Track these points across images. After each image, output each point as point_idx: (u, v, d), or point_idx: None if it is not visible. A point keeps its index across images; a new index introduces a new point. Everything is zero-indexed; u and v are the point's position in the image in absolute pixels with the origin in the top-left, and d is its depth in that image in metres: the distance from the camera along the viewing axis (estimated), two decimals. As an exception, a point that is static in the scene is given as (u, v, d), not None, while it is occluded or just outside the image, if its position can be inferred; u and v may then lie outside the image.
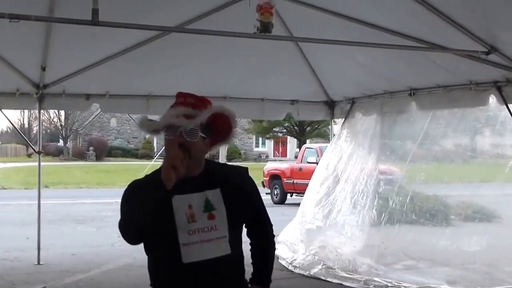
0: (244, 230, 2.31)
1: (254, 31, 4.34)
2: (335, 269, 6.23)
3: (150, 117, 2.31)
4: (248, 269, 2.31)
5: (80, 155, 39.15)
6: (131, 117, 43.32)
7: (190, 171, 2.11)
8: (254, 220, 2.31)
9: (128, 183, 2.31)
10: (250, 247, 2.34)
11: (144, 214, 2.05)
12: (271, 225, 2.38)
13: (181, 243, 2.10)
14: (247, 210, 2.24)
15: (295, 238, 7.25)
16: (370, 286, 5.73)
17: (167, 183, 2.00)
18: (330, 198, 7.09)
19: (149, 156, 37.53)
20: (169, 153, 2.06)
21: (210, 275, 2.12)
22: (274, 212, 2.74)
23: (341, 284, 5.98)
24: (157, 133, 2.21)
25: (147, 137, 43.96)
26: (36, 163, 7.49)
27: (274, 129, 34.94)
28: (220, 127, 2.19)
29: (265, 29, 4.34)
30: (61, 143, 44.04)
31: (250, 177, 2.34)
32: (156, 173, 2.12)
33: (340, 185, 7.11)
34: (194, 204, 2.12)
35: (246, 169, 2.36)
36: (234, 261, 2.18)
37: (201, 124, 2.11)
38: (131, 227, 2.11)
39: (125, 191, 2.23)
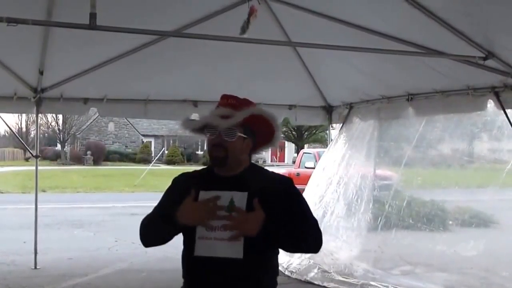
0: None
1: (241, 25, 4.38)
2: (331, 273, 6.22)
3: (193, 117, 2.43)
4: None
5: (77, 159, 39.12)
6: (129, 121, 43.41)
7: (229, 170, 2.22)
8: (298, 223, 2.19)
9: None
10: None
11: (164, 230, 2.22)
12: (321, 237, 2.25)
13: (197, 236, 2.16)
14: (277, 220, 2.13)
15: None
16: (367, 290, 5.72)
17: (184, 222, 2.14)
18: (323, 201, 7.08)
19: (146, 161, 37.52)
20: (203, 209, 2.13)
21: (217, 274, 2.13)
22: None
23: (338, 288, 5.97)
24: (200, 133, 2.31)
25: (144, 141, 44.00)
26: (34, 167, 7.48)
27: (271, 133, 34.93)
28: (260, 129, 2.24)
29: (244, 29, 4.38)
30: (58, 147, 44.03)
31: (293, 186, 2.30)
32: (203, 171, 2.33)
33: (333, 187, 7.09)
34: (218, 201, 2.15)
35: (290, 179, 2.33)
36: (246, 268, 2.13)
37: (241, 124, 2.19)
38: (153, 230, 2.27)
39: (171, 184, 2.38)
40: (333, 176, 7.18)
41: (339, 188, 6.97)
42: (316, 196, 7.24)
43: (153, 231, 2.26)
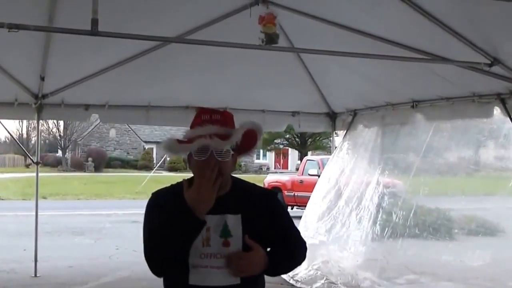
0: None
1: (259, 43, 4.29)
2: (337, 284, 6.14)
3: (175, 137, 2.15)
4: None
5: (78, 166, 39.05)
6: (130, 128, 43.37)
7: (219, 191, 2.04)
8: (282, 240, 2.18)
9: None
10: None
11: (174, 246, 1.98)
12: (306, 247, 2.26)
13: (190, 264, 2.03)
14: (268, 237, 2.12)
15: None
16: (373, 301, 5.64)
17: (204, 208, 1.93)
18: (332, 212, 7.00)
19: (148, 167, 37.45)
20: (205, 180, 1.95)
21: None
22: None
23: (343, 298, 5.89)
24: (180, 154, 2.15)
25: (146, 148, 43.96)
26: (34, 174, 7.43)
27: (275, 140, 34.96)
28: (247, 143, 2.11)
29: (270, 40, 4.29)
30: (59, 153, 43.99)
31: (278, 201, 2.25)
32: (180, 188, 2.03)
33: (343, 199, 7.03)
34: (212, 226, 2.03)
35: (275, 193, 2.28)
36: None
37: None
38: (160, 257, 2.02)
39: (148, 207, 2.14)
40: (343, 188, 7.10)
41: (349, 200, 6.90)
42: (323, 208, 7.17)
43: (171, 251, 2.00)
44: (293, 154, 42.15)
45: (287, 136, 33.06)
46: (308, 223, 7.36)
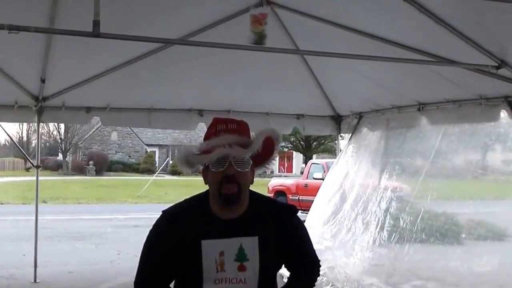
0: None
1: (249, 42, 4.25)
2: (343, 290, 6.04)
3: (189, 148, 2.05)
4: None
5: (79, 170, 39.00)
6: (132, 131, 43.37)
7: (235, 211, 1.97)
8: (298, 262, 2.13)
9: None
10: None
11: None
12: (320, 265, 2.23)
13: None
14: (285, 257, 2.07)
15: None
16: (379, 307, 5.55)
17: None
18: (338, 217, 6.92)
19: (150, 171, 37.40)
20: None
21: None
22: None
23: (349, 305, 5.80)
24: (195, 167, 2.02)
25: (148, 151, 43.91)
26: (34, 178, 7.35)
27: (279, 143, 34.86)
28: (265, 152, 2.02)
29: (259, 40, 4.24)
30: (60, 157, 43.95)
31: (298, 219, 2.16)
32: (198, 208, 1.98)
33: (348, 203, 6.94)
34: (226, 251, 1.94)
35: (295, 210, 2.18)
36: None
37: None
38: None
39: (156, 233, 2.09)
40: (348, 192, 7.01)
41: (354, 204, 6.80)
42: (328, 212, 7.08)
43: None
44: (297, 157, 42.03)
45: (292, 139, 32.99)
46: (313, 228, 7.25)
